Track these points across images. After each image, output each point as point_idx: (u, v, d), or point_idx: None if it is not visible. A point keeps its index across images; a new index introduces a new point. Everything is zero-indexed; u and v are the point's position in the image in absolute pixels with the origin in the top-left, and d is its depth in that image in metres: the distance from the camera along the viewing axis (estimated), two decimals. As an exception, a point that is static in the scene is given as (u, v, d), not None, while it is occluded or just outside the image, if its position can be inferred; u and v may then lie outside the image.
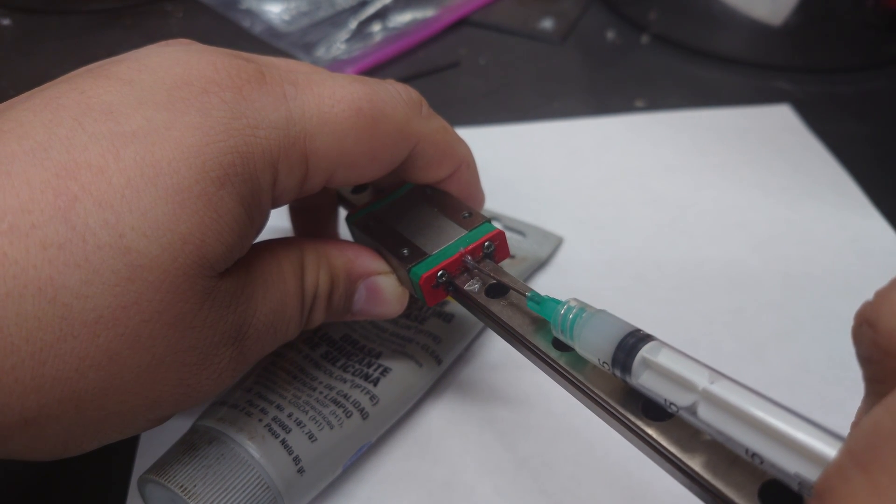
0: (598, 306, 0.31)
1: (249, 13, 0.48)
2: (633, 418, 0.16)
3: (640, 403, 0.17)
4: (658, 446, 0.16)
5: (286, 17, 0.48)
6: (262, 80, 0.19)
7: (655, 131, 0.39)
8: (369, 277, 0.22)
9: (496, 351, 0.28)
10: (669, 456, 0.15)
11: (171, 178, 0.16)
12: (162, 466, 0.20)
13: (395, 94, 0.21)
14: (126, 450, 0.24)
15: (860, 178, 0.36)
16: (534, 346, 0.19)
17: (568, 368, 0.18)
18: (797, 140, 0.39)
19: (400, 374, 0.24)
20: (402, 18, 0.48)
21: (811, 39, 0.44)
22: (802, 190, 0.36)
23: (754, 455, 0.13)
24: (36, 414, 0.15)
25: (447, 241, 0.22)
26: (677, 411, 0.15)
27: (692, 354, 0.16)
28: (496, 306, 0.21)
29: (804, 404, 0.26)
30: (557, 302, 0.19)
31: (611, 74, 0.45)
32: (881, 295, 0.12)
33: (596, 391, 0.18)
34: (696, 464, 0.15)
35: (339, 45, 0.45)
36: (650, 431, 0.16)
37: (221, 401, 0.22)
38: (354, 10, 0.48)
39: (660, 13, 0.47)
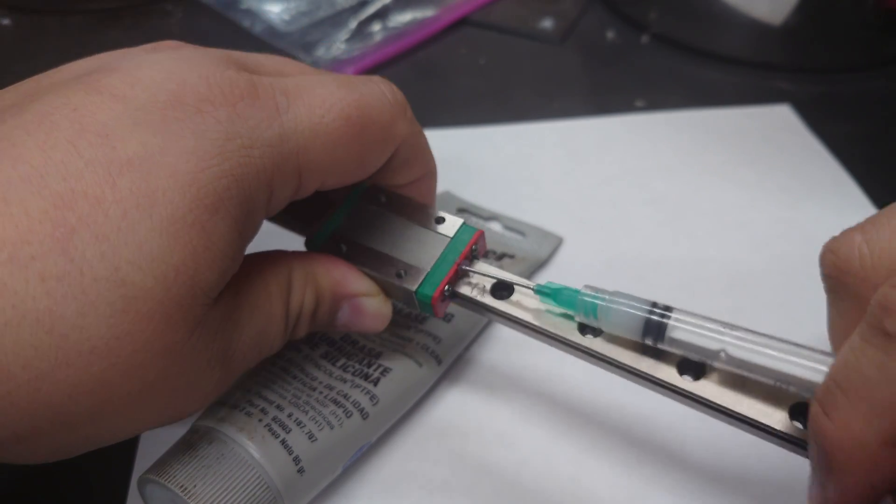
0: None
1: (249, 13, 0.48)
2: (674, 382, 0.19)
3: (674, 366, 0.19)
4: (703, 400, 0.18)
5: (286, 17, 0.48)
6: (255, 94, 0.19)
7: (655, 131, 0.39)
8: (354, 298, 0.22)
9: (496, 351, 0.28)
10: (713, 406, 0.18)
11: (165, 208, 0.16)
12: (162, 466, 0.20)
13: (381, 97, 0.21)
14: (126, 450, 0.24)
15: (860, 178, 0.36)
16: (565, 339, 0.20)
17: (601, 352, 0.20)
18: (797, 140, 0.39)
19: (400, 374, 0.24)
20: (402, 18, 0.48)
21: (811, 39, 0.44)
22: (802, 190, 0.36)
23: (777, 381, 0.17)
24: (28, 433, 0.16)
25: (436, 253, 0.22)
26: (710, 362, 0.18)
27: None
28: (506, 306, 0.21)
29: (804, 404, 0.26)
30: (574, 290, 0.20)
31: (611, 74, 0.45)
32: (845, 232, 0.17)
33: (634, 367, 0.19)
34: (742, 408, 0.18)
35: (339, 45, 0.45)
36: (691, 389, 0.19)
37: (221, 401, 0.22)
38: (354, 9, 0.48)
39: (660, 13, 0.47)
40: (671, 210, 0.34)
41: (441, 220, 0.23)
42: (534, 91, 0.43)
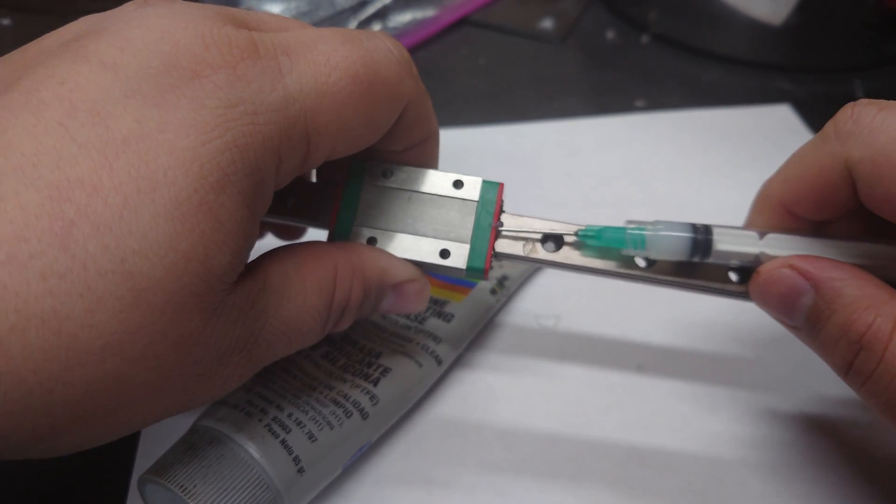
0: (599, 306, 0.31)
1: (249, 13, 0.48)
2: (725, 287, 0.22)
3: (725, 273, 0.22)
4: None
5: (286, 17, 0.48)
6: (256, 53, 0.17)
7: (656, 131, 0.39)
8: (400, 286, 0.22)
9: (496, 351, 0.28)
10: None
11: (168, 190, 0.15)
12: (162, 466, 0.20)
13: (387, 53, 0.20)
14: (126, 450, 0.24)
15: (860, 178, 0.36)
16: (627, 273, 0.22)
17: (660, 276, 0.22)
18: (797, 140, 0.39)
19: (400, 374, 0.24)
20: (402, 18, 0.48)
21: (811, 39, 0.44)
22: (802, 190, 0.36)
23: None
24: (48, 432, 0.15)
25: (469, 220, 0.22)
26: (750, 265, 0.21)
27: (692, 356, 0.16)
28: (551, 256, 0.22)
29: (804, 404, 0.26)
30: (617, 228, 0.21)
31: (611, 74, 0.45)
32: (846, 105, 0.22)
33: (696, 282, 0.22)
34: None
35: (339, 45, 0.45)
36: (740, 289, 0.22)
37: (221, 401, 0.22)
38: (354, 10, 0.48)
39: (660, 13, 0.47)
40: (671, 210, 0.34)
41: (460, 184, 0.22)
42: (534, 91, 0.43)
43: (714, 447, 0.25)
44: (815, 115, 0.40)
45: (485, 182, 0.22)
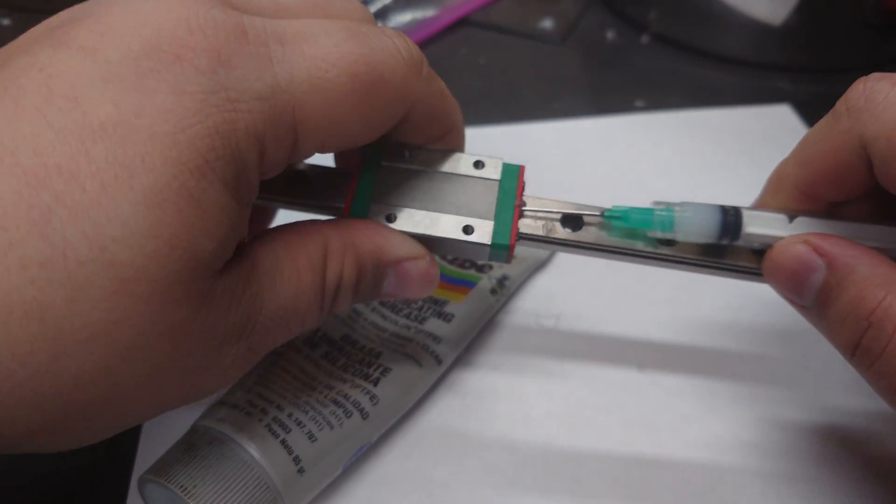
0: (600, 306, 0.31)
1: (249, 13, 0.48)
2: (753, 266, 0.21)
3: (745, 257, 0.22)
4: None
5: (286, 17, 0.48)
6: (244, 38, 0.17)
7: (656, 131, 0.39)
8: (399, 264, 0.21)
9: (496, 351, 0.28)
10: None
11: (146, 176, 0.15)
12: (162, 466, 0.20)
13: (394, 53, 0.19)
14: (126, 450, 0.24)
15: (860, 178, 0.36)
16: (641, 251, 0.21)
17: (685, 256, 0.22)
18: (797, 140, 0.39)
19: (400, 374, 0.24)
20: (402, 18, 0.48)
21: (811, 39, 0.44)
22: (802, 190, 0.36)
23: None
24: (42, 427, 0.15)
25: (492, 199, 0.21)
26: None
27: (692, 355, 0.16)
28: (575, 236, 0.22)
29: (806, 402, 0.26)
30: (644, 209, 0.21)
31: (611, 74, 0.45)
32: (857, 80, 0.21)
33: (720, 262, 0.22)
34: None
35: (339, 45, 0.45)
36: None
37: (221, 401, 0.22)
38: (354, 10, 0.48)
39: (660, 13, 0.47)
40: (671, 210, 0.34)
41: (481, 164, 0.22)
42: (534, 91, 0.43)
43: (715, 446, 0.25)
44: (815, 115, 0.40)
45: (505, 164, 0.22)
